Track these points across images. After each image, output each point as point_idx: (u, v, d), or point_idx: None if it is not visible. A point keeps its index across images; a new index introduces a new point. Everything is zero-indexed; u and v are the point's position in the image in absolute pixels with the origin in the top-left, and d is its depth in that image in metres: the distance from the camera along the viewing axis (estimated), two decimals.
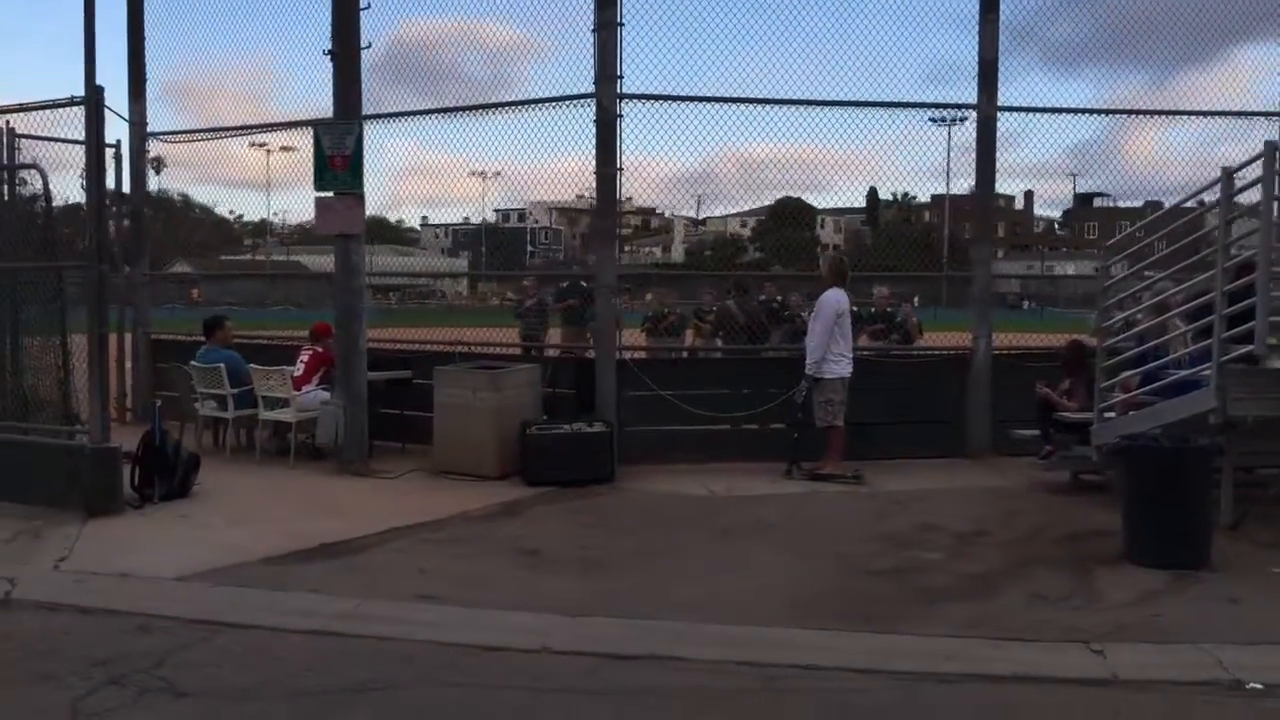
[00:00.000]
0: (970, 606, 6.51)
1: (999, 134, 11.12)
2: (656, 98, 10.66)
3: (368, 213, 10.74)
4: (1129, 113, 11.70)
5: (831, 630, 6.04)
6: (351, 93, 10.28)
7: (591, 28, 10.48)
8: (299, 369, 11.03)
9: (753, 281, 15.01)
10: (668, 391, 10.81)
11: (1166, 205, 10.42)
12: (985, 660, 5.52)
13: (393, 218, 72.64)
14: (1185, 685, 5.17)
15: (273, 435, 11.31)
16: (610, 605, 6.48)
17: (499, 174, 19.87)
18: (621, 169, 10.54)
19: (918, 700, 5.01)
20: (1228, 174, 7.67)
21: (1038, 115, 11.48)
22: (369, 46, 10.29)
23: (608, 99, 10.44)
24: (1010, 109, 11.16)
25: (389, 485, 10.08)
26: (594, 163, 10.58)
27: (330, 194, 10.28)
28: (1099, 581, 6.98)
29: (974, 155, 11.26)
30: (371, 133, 10.73)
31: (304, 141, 12.20)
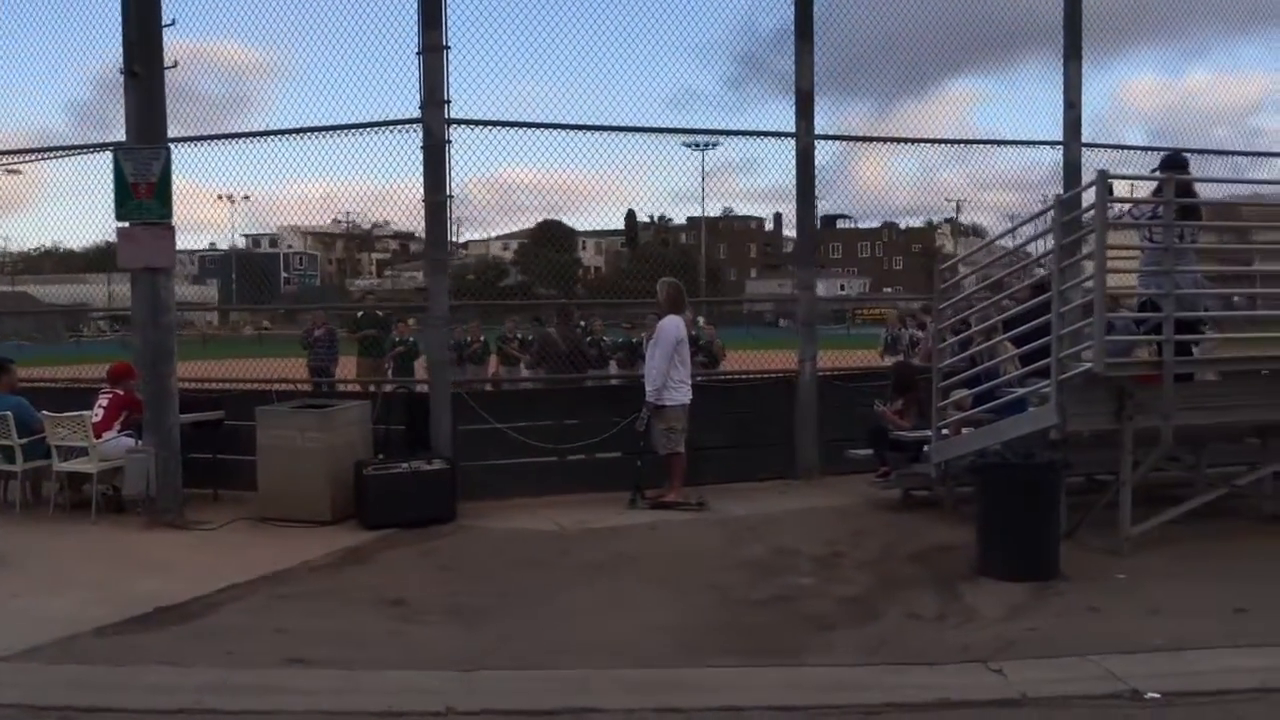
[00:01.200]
0: (860, 632, 6.57)
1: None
2: (478, 123, 10.38)
3: (100, 239, 10.05)
4: (946, 142, 12.31)
5: (737, 667, 5.96)
6: (155, 115, 9.51)
7: (416, 50, 10.12)
8: (98, 414, 10.09)
9: (575, 309, 14.86)
10: (504, 424, 10.52)
11: (901, 225, 11.17)
12: (899, 688, 5.56)
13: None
14: (1091, 700, 5.36)
15: (64, 488, 10.26)
16: (499, 656, 6.18)
17: (247, 198, 19.03)
18: (451, 196, 10.20)
19: None
20: (1061, 201, 8.13)
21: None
22: (174, 65, 9.55)
23: (436, 124, 10.09)
24: (826, 137, 11.50)
25: (213, 537, 9.34)
26: (421, 190, 10.21)
27: (136, 224, 9.45)
28: (966, 598, 7.20)
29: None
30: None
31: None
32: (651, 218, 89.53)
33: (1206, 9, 14.06)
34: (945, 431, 9.39)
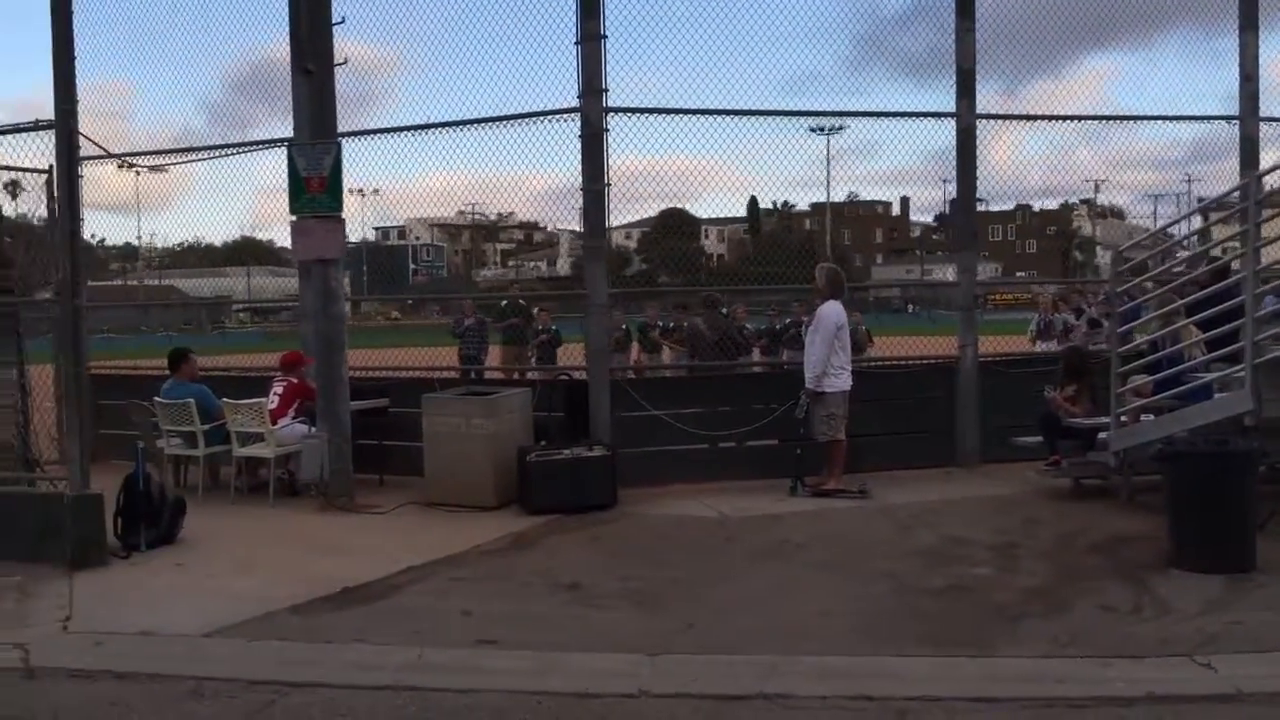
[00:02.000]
0: (1049, 624, 6.37)
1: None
2: (636, 110, 10.41)
3: (237, 233, 10.38)
4: (1099, 118, 11.89)
5: (927, 657, 5.84)
6: (326, 111, 9.78)
7: (575, 40, 10.18)
8: (274, 401, 10.44)
9: (720, 297, 14.83)
10: (661, 411, 10.54)
11: (1035, 208, 10.74)
12: (1103, 681, 5.37)
13: (262, 237, 70.59)
14: None
15: (241, 472, 10.64)
16: (682, 640, 6.20)
17: (377, 191, 19.37)
18: (609, 184, 10.24)
19: None
20: (1257, 178, 7.76)
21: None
22: (344, 63, 9.81)
23: (594, 113, 10.15)
24: (989, 116, 11.21)
25: (384, 521, 9.58)
26: (579, 178, 10.30)
27: (308, 217, 9.73)
28: (1158, 590, 6.92)
29: (954, 162, 11.25)
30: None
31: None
32: (774, 204, 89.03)
33: None
34: (1124, 419, 9.04)
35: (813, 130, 15.21)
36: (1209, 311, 8.34)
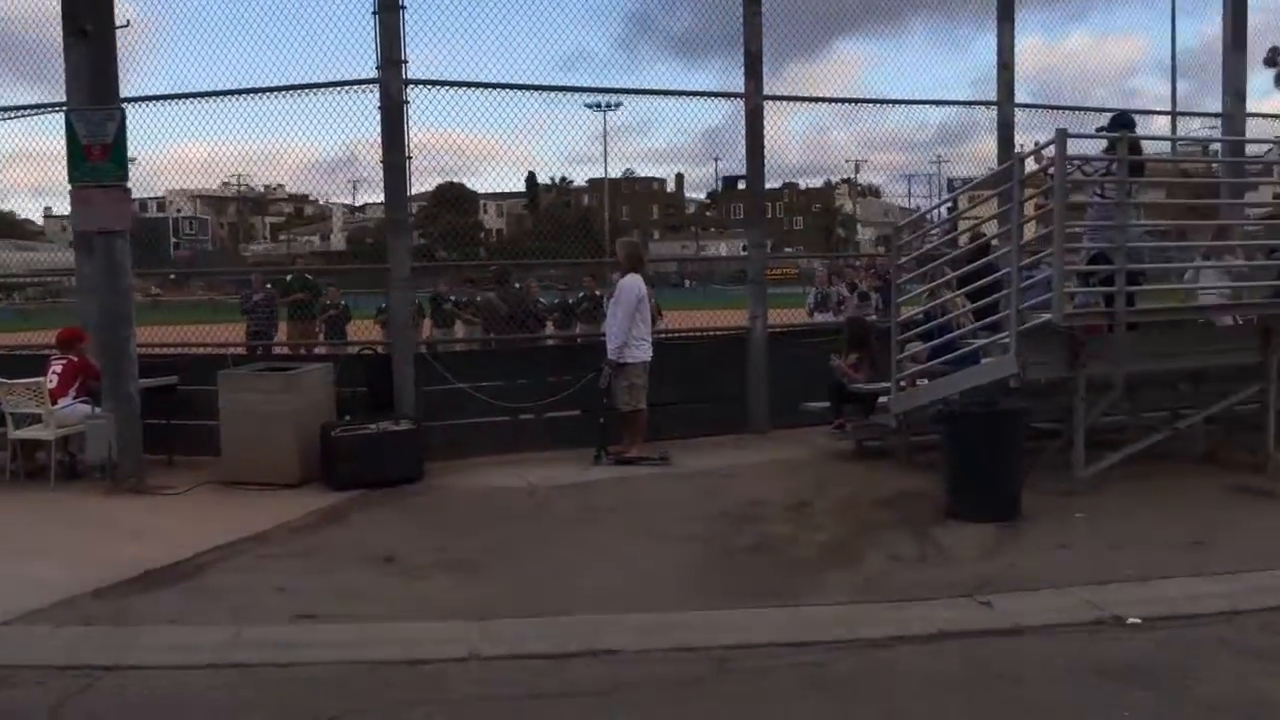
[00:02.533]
0: (847, 574, 6.88)
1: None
2: (437, 83, 10.39)
3: None
4: (877, 102, 12.64)
5: (741, 609, 6.23)
6: (108, 75, 9.31)
7: (373, 10, 10.04)
8: (53, 381, 9.90)
9: (511, 271, 14.92)
10: (466, 384, 10.61)
11: (801, 185, 11.47)
12: (900, 622, 5.88)
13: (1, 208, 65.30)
14: (1080, 626, 5.75)
15: (17, 456, 10.05)
16: (506, 606, 6.34)
17: (134, 160, 18.46)
18: (410, 157, 10.19)
19: (876, 665, 5.26)
20: (1019, 159, 8.49)
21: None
22: (127, 25, 9.37)
23: (394, 85, 10.06)
24: (775, 98, 11.73)
25: (180, 502, 9.28)
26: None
27: (89, 186, 9.27)
28: (940, 539, 7.57)
29: (725, 140, 11.86)
30: None
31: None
32: (552, 179, 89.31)
33: None
34: (902, 384, 9.74)
35: (589, 106, 15.48)
36: (976, 284, 9.07)
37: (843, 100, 12.64)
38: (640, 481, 9.76)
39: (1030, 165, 8.79)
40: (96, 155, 9.23)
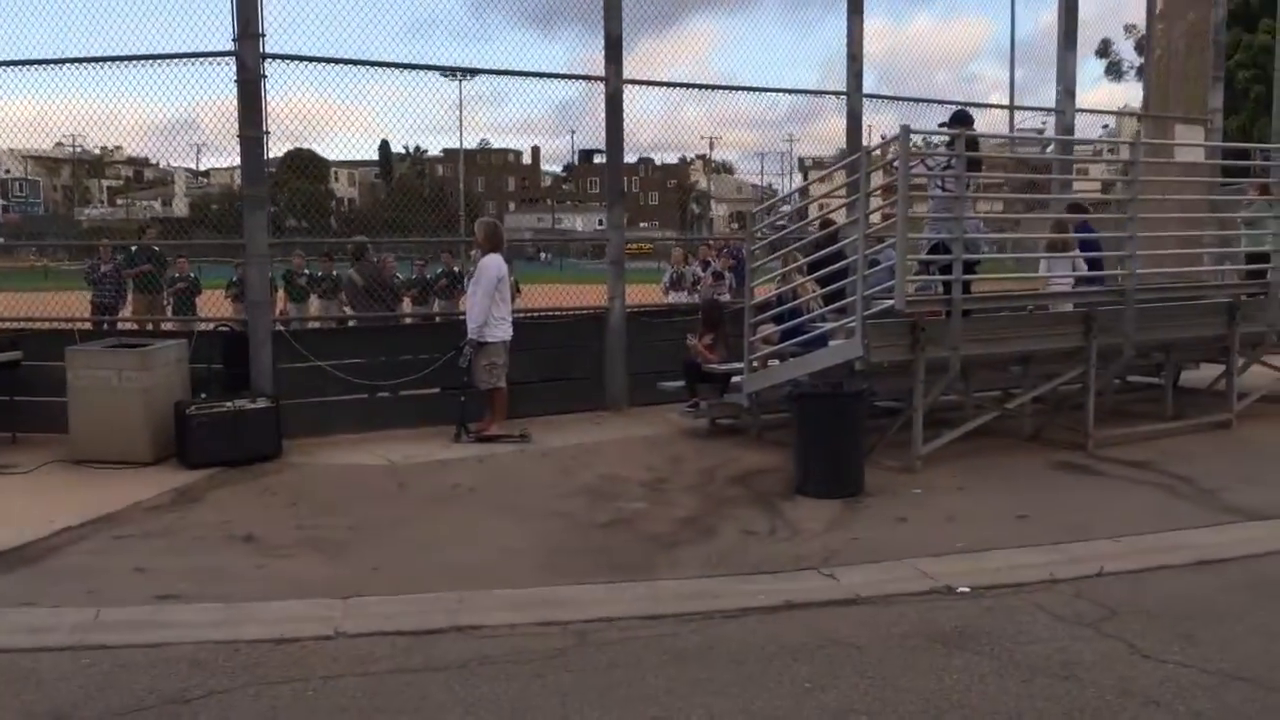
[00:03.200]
0: (701, 548, 7.21)
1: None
2: (293, 58, 10.28)
3: None
4: (731, 89, 12.99)
5: (602, 584, 6.48)
6: None
7: None
8: None
9: (368, 247, 14.81)
10: (324, 362, 10.57)
11: (657, 161, 11.77)
12: (750, 594, 6.20)
13: None
14: (914, 596, 6.18)
15: None
16: (371, 584, 6.46)
17: None
18: (268, 132, 10.07)
19: (727, 635, 5.57)
20: (867, 152, 8.94)
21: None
22: None
23: (251, 57, 9.91)
24: (635, 82, 11.95)
25: (27, 481, 9.04)
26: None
27: None
28: (789, 514, 7.98)
29: (600, 117, 11.90)
30: None
31: None
32: (406, 149, 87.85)
33: None
34: (755, 364, 10.12)
35: (444, 75, 15.43)
36: (826, 270, 9.51)
37: (700, 86, 12.96)
38: (501, 459, 9.93)
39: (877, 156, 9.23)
40: None
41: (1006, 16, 42.69)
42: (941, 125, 9.76)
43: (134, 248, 18.11)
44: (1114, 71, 39.81)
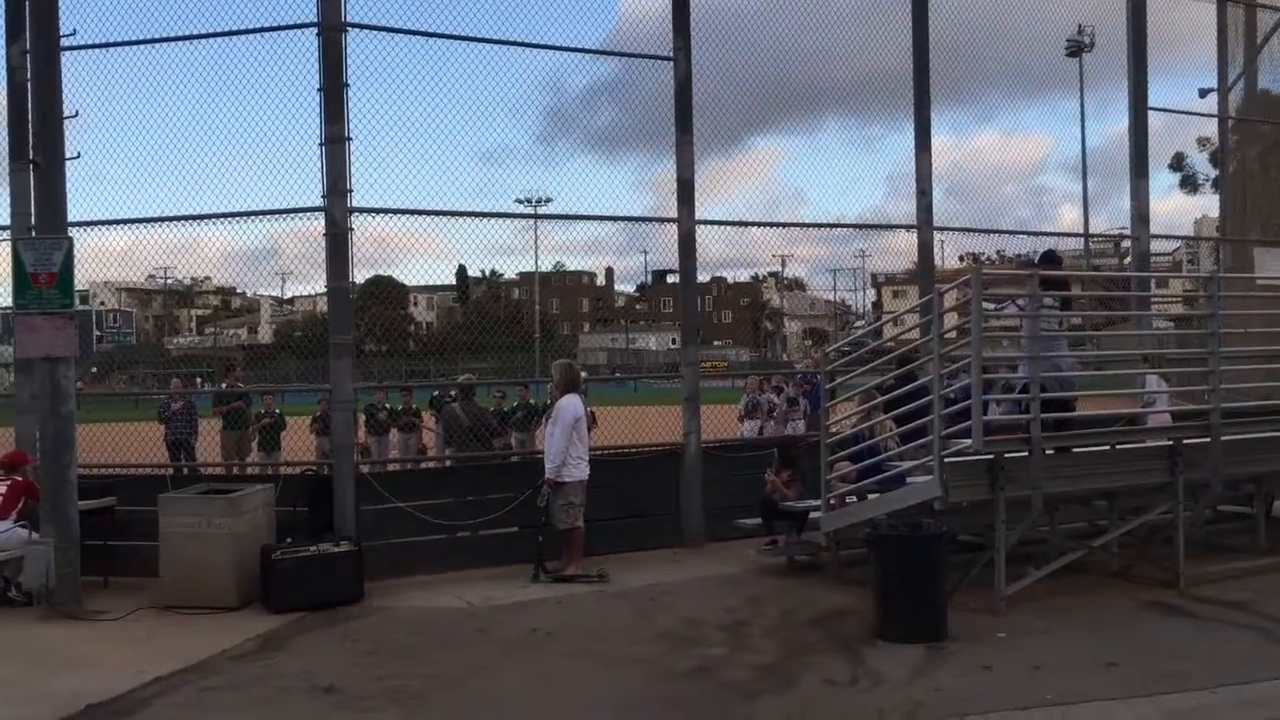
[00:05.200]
0: (783, 699, 7.10)
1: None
2: (380, 211, 10.74)
3: None
4: (799, 226, 13.23)
5: None
6: (56, 206, 9.50)
7: (320, 142, 10.38)
8: None
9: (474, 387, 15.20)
10: (405, 503, 10.75)
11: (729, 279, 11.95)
12: None
13: None
14: None
15: None
16: None
17: None
18: (355, 282, 10.46)
19: None
20: (940, 293, 9.00)
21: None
22: (77, 156, 9.59)
23: (339, 212, 10.36)
24: (706, 222, 12.25)
25: (118, 628, 9.24)
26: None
27: (34, 314, 9.38)
28: (869, 661, 7.83)
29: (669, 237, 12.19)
30: None
31: None
32: (483, 272, 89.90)
33: (990, 76, 15.66)
34: (832, 502, 10.08)
35: (518, 200, 15.94)
36: (901, 410, 9.51)
37: (770, 224, 13.23)
38: (579, 600, 9.94)
39: (951, 299, 9.28)
40: (43, 283, 9.37)
41: (1068, 131, 43.08)
42: (1031, 263, 9.84)
43: (224, 384, 18.71)
44: (1189, 184, 39.63)
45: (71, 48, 9.94)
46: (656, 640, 8.59)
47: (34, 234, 9.75)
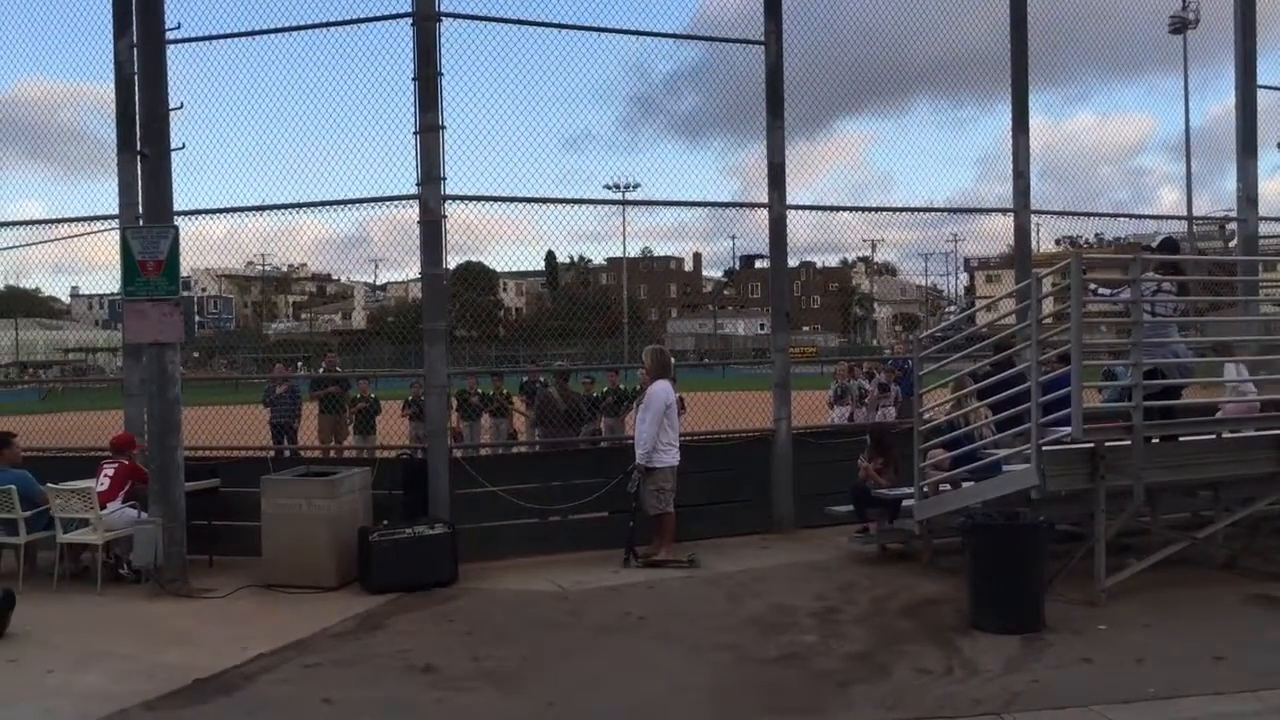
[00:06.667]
0: (875, 688, 7.04)
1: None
2: (473, 198, 10.85)
3: None
4: (890, 210, 13.05)
5: None
6: (162, 195, 9.78)
7: (414, 130, 10.54)
8: (104, 484, 10.23)
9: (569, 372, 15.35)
10: (498, 487, 10.89)
11: (818, 264, 11.77)
12: None
13: (28, 285, 65.89)
14: None
15: (64, 558, 10.32)
16: None
17: None
18: (448, 269, 10.60)
19: None
20: (1038, 279, 8.82)
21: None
22: (182, 147, 9.85)
23: (433, 200, 10.50)
24: (797, 207, 12.17)
25: (222, 605, 9.53)
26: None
27: (142, 300, 9.68)
28: (965, 651, 7.73)
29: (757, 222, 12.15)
30: None
31: None
32: (571, 258, 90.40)
33: (1088, 55, 15.25)
34: (925, 490, 9.96)
35: (606, 187, 16.02)
36: (998, 397, 9.34)
37: (860, 209, 13.11)
38: (670, 585, 9.97)
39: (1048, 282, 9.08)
40: (151, 270, 9.66)
41: (1166, 111, 41.91)
42: (1150, 249, 9.61)
43: (321, 368, 19.12)
44: None
45: (176, 40, 10.17)
46: (747, 626, 8.59)
47: (141, 223, 10.03)
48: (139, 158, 9.74)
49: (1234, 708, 6.44)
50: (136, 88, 9.99)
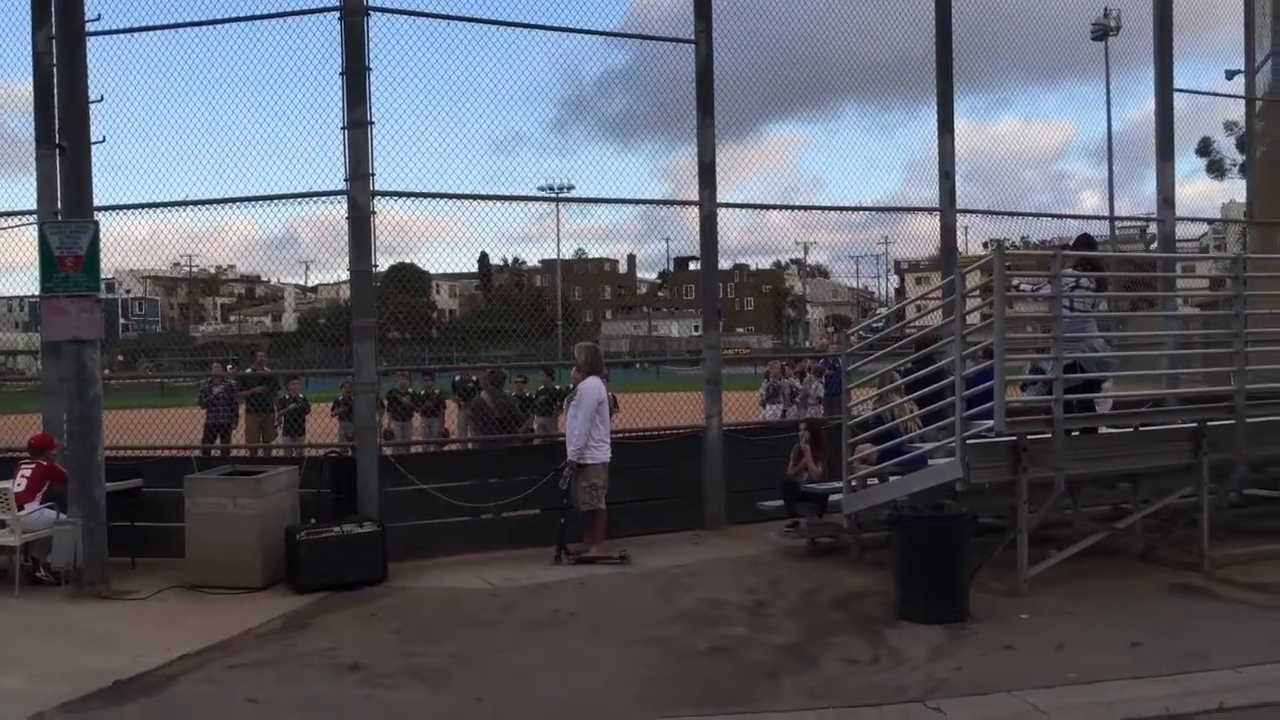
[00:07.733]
0: (803, 678, 7.12)
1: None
2: (402, 194, 10.78)
3: None
4: (825, 209, 13.20)
5: (703, 718, 6.45)
6: (82, 190, 9.58)
7: (342, 126, 10.43)
8: (21, 485, 9.98)
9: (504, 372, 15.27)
10: (428, 485, 10.82)
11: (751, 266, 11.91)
12: None
13: None
14: None
15: None
16: (475, 716, 6.55)
17: None
18: (378, 266, 10.52)
19: None
20: (962, 274, 8.96)
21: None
22: (102, 140, 9.67)
23: (361, 196, 10.41)
24: (728, 205, 12.26)
25: (144, 607, 9.35)
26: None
27: (60, 296, 9.47)
28: (891, 641, 7.84)
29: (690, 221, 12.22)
30: None
31: None
32: (505, 260, 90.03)
33: (1010, 61, 15.58)
34: (854, 484, 10.08)
35: (539, 188, 16.00)
36: (924, 391, 9.49)
37: (790, 208, 13.26)
38: (601, 582, 9.98)
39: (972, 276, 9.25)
40: (69, 266, 9.45)
41: (1087, 117, 42.85)
42: (1069, 247, 9.84)
43: (249, 369, 18.83)
44: (1216, 170, 39.16)
45: (96, 33, 9.97)
46: (678, 620, 8.62)
47: (60, 218, 9.81)
48: (58, 151, 9.53)
49: (1151, 691, 6.60)
50: (55, 79, 9.77)
